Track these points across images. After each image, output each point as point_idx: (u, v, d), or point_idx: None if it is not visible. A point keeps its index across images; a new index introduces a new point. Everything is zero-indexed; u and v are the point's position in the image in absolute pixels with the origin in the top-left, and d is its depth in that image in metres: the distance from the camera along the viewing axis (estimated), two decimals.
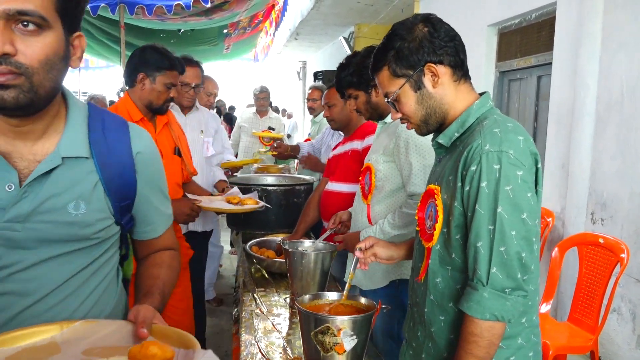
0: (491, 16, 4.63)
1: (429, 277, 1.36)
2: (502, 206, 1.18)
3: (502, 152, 1.19)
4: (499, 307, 1.18)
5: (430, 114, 1.36)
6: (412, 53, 1.32)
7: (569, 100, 3.57)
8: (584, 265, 2.90)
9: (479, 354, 1.21)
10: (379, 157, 2.12)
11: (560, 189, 3.66)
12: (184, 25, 7.96)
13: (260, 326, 1.95)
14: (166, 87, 2.39)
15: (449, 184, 1.29)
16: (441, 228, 1.31)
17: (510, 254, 1.18)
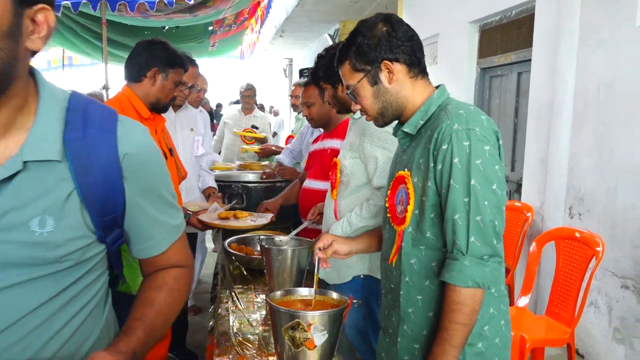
0: (472, 13, 4.65)
1: (403, 260, 1.42)
2: (474, 179, 1.27)
3: (469, 130, 1.29)
4: (479, 273, 1.26)
5: (386, 107, 1.46)
6: (370, 50, 1.42)
7: (547, 97, 3.61)
8: (561, 260, 2.93)
9: (464, 320, 1.28)
10: (345, 153, 2.16)
11: (540, 184, 3.70)
12: (168, 22, 7.91)
13: (236, 323, 1.95)
14: (175, 84, 2.34)
15: (420, 167, 1.37)
16: (413, 210, 1.38)
17: (485, 222, 1.27)
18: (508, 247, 3.57)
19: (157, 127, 2.32)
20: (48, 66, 11.03)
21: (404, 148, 1.50)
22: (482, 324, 1.37)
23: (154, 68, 2.26)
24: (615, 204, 3.09)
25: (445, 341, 1.30)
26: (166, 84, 2.29)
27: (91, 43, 8.01)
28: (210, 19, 8.07)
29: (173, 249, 1.09)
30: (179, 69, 2.33)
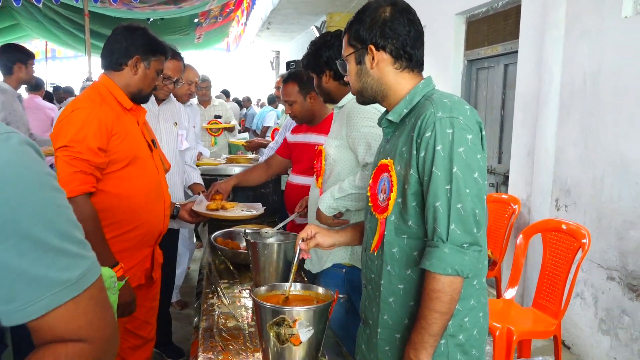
0: (459, 5, 4.63)
1: (385, 249, 1.42)
2: (457, 166, 1.26)
3: (453, 118, 1.29)
4: (458, 261, 1.26)
5: (365, 88, 1.49)
6: (364, 30, 1.44)
7: (534, 88, 3.61)
8: (548, 252, 2.94)
9: (442, 309, 1.27)
10: (331, 141, 2.16)
11: (526, 176, 3.71)
12: (153, 14, 7.81)
13: (221, 318, 1.92)
14: (157, 72, 2.19)
15: (403, 155, 1.37)
16: (396, 198, 1.38)
17: (466, 210, 1.27)
18: (495, 239, 3.58)
19: (139, 118, 2.23)
20: None
21: (388, 138, 1.50)
22: (463, 315, 1.37)
23: (136, 56, 2.11)
24: (602, 195, 3.10)
25: (424, 329, 1.30)
26: (148, 73, 2.15)
27: (74, 35, 7.89)
28: (195, 10, 7.99)
29: (57, 315, 0.73)
30: (160, 56, 2.19)
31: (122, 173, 2.06)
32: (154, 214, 2.19)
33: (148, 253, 2.24)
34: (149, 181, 2.16)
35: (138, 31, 2.14)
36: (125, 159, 2.06)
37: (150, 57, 2.14)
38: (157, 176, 2.22)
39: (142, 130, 2.21)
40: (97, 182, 2.00)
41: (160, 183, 2.23)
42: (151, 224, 2.18)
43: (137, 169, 2.10)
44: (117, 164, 2.04)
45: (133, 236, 2.12)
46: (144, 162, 2.14)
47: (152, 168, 2.19)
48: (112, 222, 2.06)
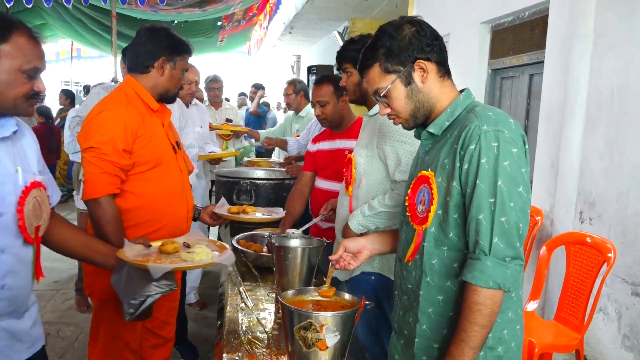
0: (484, 14, 4.62)
1: (424, 260, 1.41)
2: (501, 180, 1.26)
3: (498, 132, 1.29)
4: (501, 275, 1.25)
5: (418, 107, 1.45)
6: (402, 50, 1.41)
7: (559, 99, 3.58)
8: (571, 265, 2.91)
9: (483, 322, 1.27)
10: (360, 150, 2.15)
11: (550, 187, 3.67)
12: (178, 16, 7.91)
13: (245, 320, 1.94)
14: (182, 72, 2.20)
15: (445, 167, 1.37)
16: (436, 210, 1.38)
17: (510, 224, 1.26)
18: None
19: (164, 119, 2.23)
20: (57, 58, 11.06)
21: (426, 150, 1.49)
22: (502, 327, 1.36)
23: (162, 57, 2.11)
24: (627, 209, 3.06)
25: (464, 342, 1.29)
26: (175, 73, 2.16)
27: (100, 36, 8.02)
28: (219, 14, 8.06)
29: None
30: (185, 55, 2.19)
31: (147, 175, 2.08)
32: (177, 215, 2.20)
33: None
34: (173, 183, 2.17)
35: (161, 32, 2.15)
36: (150, 162, 2.08)
37: (176, 56, 2.15)
38: (181, 178, 2.23)
39: (166, 132, 2.23)
40: (121, 184, 2.02)
41: (183, 185, 2.24)
42: (174, 225, 2.18)
43: (161, 171, 2.12)
44: (141, 166, 2.06)
45: (157, 237, 2.11)
46: (168, 164, 2.15)
47: (176, 170, 2.20)
48: (137, 223, 2.08)
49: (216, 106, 5.35)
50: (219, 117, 5.28)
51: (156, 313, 2.23)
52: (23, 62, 1.39)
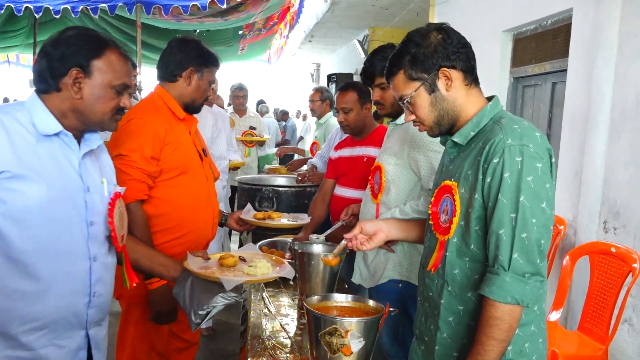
0: (506, 22, 4.60)
1: (447, 269, 1.41)
2: (524, 195, 1.26)
3: (523, 146, 1.28)
4: (519, 290, 1.25)
5: (442, 115, 1.44)
6: (427, 58, 1.41)
7: (583, 108, 3.55)
8: (595, 275, 2.87)
9: (500, 336, 1.27)
10: (389, 158, 2.15)
11: (573, 196, 3.64)
12: (200, 25, 8.02)
13: (268, 326, 1.96)
14: (209, 83, 2.26)
15: (468, 179, 1.36)
16: (459, 221, 1.38)
17: (531, 240, 1.26)
18: None
19: (191, 128, 2.29)
20: None
21: (451, 158, 1.49)
22: (523, 341, 1.35)
23: (190, 67, 2.17)
24: None
25: (480, 355, 1.29)
26: (201, 84, 2.21)
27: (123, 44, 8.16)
28: (241, 23, 8.15)
29: None
30: (212, 68, 2.25)
31: (174, 181, 2.13)
32: (203, 221, 2.24)
33: None
34: (199, 189, 2.21)
35: (191, 44, 2.20)
36: (177, 168, 2.13)
37: (204, 68, 2.20)
38: (207, 184, 2.27)
39: (193, 140, 2.27)
40: (149, 190, 2.07)
41: (209, 191, 2.28)
42: (200, 231, 2.23)
43: (187, 177, 2.16)
44: (169, 173, 2.11)
45: (183, 242, 2.16)
46: (194, 171, 2.20)
47: (202, 177, 2.25)
48: (165, 229, 2.13)
49: (240, 114, 5.46)
50: (242, 124, 5.38)
51: (182, 317, 2.27)
52: (113, 78, 1.46)
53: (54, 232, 1.38)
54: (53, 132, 1.40)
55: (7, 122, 1.35)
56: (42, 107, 1.41)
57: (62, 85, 1.41)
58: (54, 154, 1.41)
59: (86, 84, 1.43)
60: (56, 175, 1.39)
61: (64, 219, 1.40)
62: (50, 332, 1.40)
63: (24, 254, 1.34)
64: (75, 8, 5.41)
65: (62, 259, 1.40)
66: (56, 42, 1.42)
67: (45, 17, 6.49)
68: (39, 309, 1.37)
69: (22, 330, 1.36)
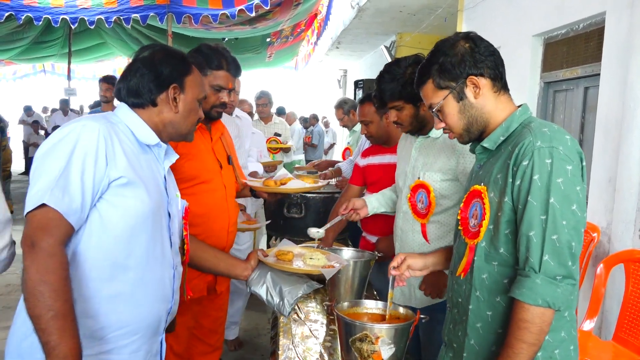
0: (537, 26, 4.55)
1: (475, 274, 1.41)
2: (554, 197, 1.25)
3: (552, 148, 1.28)
4: (550, 293, 1.24)
5: (472, 122, 1.46)
6: (454, 66, 1.43)
7: (617, 113, 3.48)
8: (631, 283, 2.81)
9: (530, 340, 1.26)
10: (433, 175, 2.04)
11: (607, 203, 3.56)
12: (229, 34, 8.14)
13: (297, 331, 1.98)
14: (214, 89, 2.12)
15: (497, 182, 1.37)
16: (488, 225, 1.37)
17: (562, 242, 1.25)
18: None
19: (214, 134, 2.24)
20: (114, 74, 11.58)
21: (481, 164, 1.50)
22: (553, 347, 1.34)
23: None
24: None
25: (510, 358, 1.28)
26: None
27: None
28: (269, 30, 8.25)
29: None
30: (215, 72, 2.12)
31: (188, 191, 2.03)
32: (216, 229, 2.18)
33: None
34: (214, 199, 2.16)
35: (196, 49, 2.14)
36: (192, 180, 2.08)
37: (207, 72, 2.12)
38: (224, 193, 2.21)
39: (213, 148, 2.22)
40: None
41: (225, 200, 2.22)
42: (213, 239, 2.13)
43: (203, 188, 2.12)
44: (183, 184, 2.00)
45: None
46: (211, 181, 2.15)
47: (219, 186, 2.19)
48: None
49: (265, 120, 5.52)
50: (268, 131, 5.44)
51: (203, 321, 2.31)
52: (199, 92, 1.60)
53: (154, 239, 1.46)
54: (153, 142, 1.51)
55: (119, 131, 1.44)
56: (139, 119, 1.51)
57: (159, 100, 1.52)
58: (150, 165, 1.50)
59: (181, 99, 1.54)
60: (153, 185, 1.47)
61: (160, 227, 1.48)
62: (141, 337, 1.45)
63: (129, 259, 1.40)
64: (109, 18, 5.57)
65: (158, 265, 1.47)
66: (151, 62, 1.52)
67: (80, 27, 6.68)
68: (135, 314, 1.42)
69: (117, 334, 1.40)
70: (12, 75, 12.46)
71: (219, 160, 2.22)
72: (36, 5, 5.55)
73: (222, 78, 2.14)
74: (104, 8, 5.61)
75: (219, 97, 2.15)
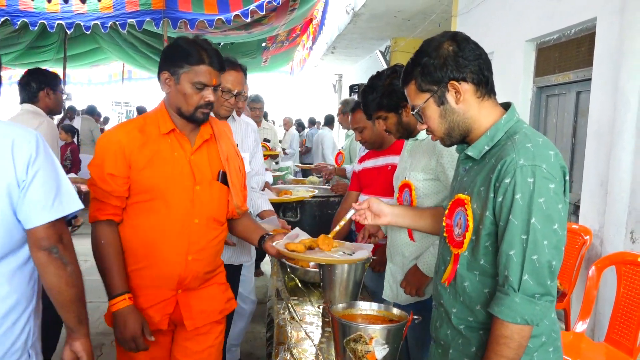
0: (529, 31, 4.60)
1: (457, 281, 1.42)
2: (535, 217, 1.24)
3: (535, 167, 1.26)
4: (529, 311, 1.25)
5: (453, 127, 1.43)
6: (436, 70, 1.39)
7: (608, 117, 3.52)
8: (623, 285, 2.84)
9: (509, 355, 1.27)
10: (417, 174, 2.09)
11: (599, 206, 3.60)
12: (224, 39, 8.16)
13: (293, 333, 2.00)
14: (195, 87, 1.81)
15: (480, 195, 1.35)
16: (471, 236, 1.37)
17: (541, 263, 1.25)
18: (564, 270, 3.48)
19: (196, 142, 1.91)
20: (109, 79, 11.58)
21: (466, 168, 1.48)
22: (532, 351, 1.34)
23: (165, 71, 1.84)
24: None
25: None
26: (180, 88, 1.82)
27: (150, 58, 8.35)
28: (264, 35, 8.27)
29: None
30: (194, 67, 1.80)
31: (143, 206, 1.85)
32: (171, 255, 1.85)
33: (169, 297, 1.89)
34: (172, 220, 1.84)
35: (173, 42, 1.89)
36: (146, 192, 1.83)
37: (178, 69, 1.82)
38: (189, 215, 1.86)
39: (189, 159, 1.88)
40: (118, 210, 1.84)
41: (190, 224, 1.86)
42: (166, 265, 1.85)
43: (160, 204, 1.83)
44: (137, 196, 1.84)
45: (147, 274, 1.86)
46: (172, 197, 1.84)
47: (184, 205, 1.85)
48: (129, 255, 1.87)
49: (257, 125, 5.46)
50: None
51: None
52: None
53: None
54: None
55: None
56: None
57: None
58: None
59: None
60: None
61: None
62: None
63: None
64: (105, 24, 5.57)
65: None
66: None
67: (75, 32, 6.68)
68: None
69: None
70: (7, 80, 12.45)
71: (194, 175, 1.88)
72: (32, 11, 5.55)
73: (204, 74, 1.81)
74: (100, 13, 5.61)
75: (203, 96, 1.83)
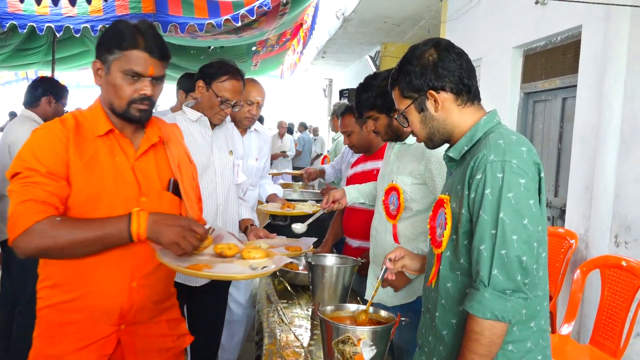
0: (517, 38, 4.67)
1: (440, 283, 1.44)
2: (504, 212, 1.27)
3: (505, 162, 1.29)
4: (499, 307, 1.26)
5: (434, 132, 1.48)
6: (416, 78, 1.44)
7: (593, 123, 3.58)
8: (607, 288, 2.89)
9: (481, 351, 1.28)
10: (405, 178, 2.11)
11: (584, 210, 3.66)
12: (214, 42, 8.16)
13: (282, 336, 2.01)
14: (127, 76, 1.52)
15: (457, 193, 1.39)
16: (450, 235, 1.40)
17: (510, 257, 1.26)
18: (550, 273, 3.50)
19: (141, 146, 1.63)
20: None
21: (451, 171, 1.52)
22: (517, 357, 1.35)
23: (95, 60, 1.58)
24: None
25: None
26: (111, 79, 1.53)
27: None
28: (254, 39, 8.29)
29: None
30: (126, 52, 1.51)
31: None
32: (111, 281, 1.55)
33: (108, 334, 1.58)
34: None
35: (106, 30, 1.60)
36: (80, 205, 1.51)
37: (108, 56, 1.54)
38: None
39: (133, 165, 1.60)
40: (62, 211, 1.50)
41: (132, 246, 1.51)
42: (105, 294, 1.55)
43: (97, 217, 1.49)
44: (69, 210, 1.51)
45: (81, 306, 1.54)
46: (112, 208, 1.51)
47: None
48: (58, 284, 1.55)
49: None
50: None
51: None
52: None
53: None
54: None
55: None
56: None
57: None
58: None
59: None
60: None
61: None
62: None
63: None
64: (95, 27, 5.56)
65: None
66: None
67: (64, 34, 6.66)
68: None
69: None
70: None
71: (139, 184, 1.59)
72: (21, 13, 5.52)
73: (138, 60, 1.51)
74: (90, 17, 5.60)
75: (137, 89, 1.54)
